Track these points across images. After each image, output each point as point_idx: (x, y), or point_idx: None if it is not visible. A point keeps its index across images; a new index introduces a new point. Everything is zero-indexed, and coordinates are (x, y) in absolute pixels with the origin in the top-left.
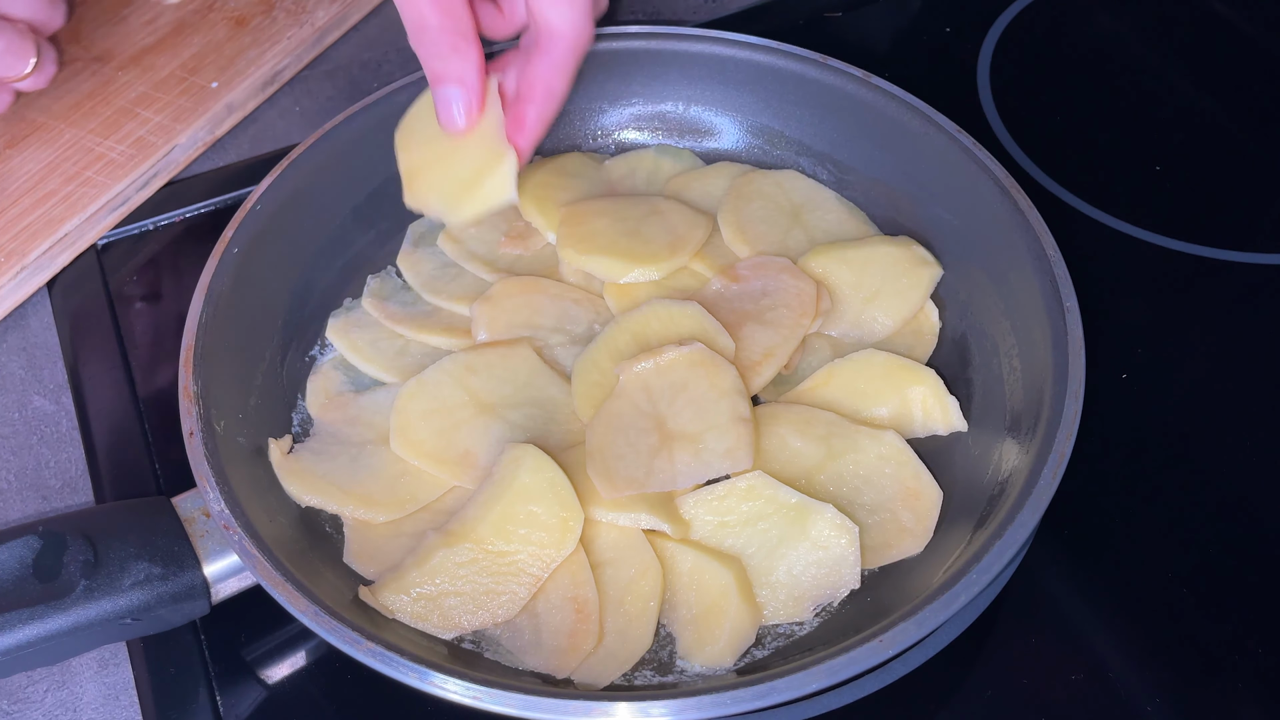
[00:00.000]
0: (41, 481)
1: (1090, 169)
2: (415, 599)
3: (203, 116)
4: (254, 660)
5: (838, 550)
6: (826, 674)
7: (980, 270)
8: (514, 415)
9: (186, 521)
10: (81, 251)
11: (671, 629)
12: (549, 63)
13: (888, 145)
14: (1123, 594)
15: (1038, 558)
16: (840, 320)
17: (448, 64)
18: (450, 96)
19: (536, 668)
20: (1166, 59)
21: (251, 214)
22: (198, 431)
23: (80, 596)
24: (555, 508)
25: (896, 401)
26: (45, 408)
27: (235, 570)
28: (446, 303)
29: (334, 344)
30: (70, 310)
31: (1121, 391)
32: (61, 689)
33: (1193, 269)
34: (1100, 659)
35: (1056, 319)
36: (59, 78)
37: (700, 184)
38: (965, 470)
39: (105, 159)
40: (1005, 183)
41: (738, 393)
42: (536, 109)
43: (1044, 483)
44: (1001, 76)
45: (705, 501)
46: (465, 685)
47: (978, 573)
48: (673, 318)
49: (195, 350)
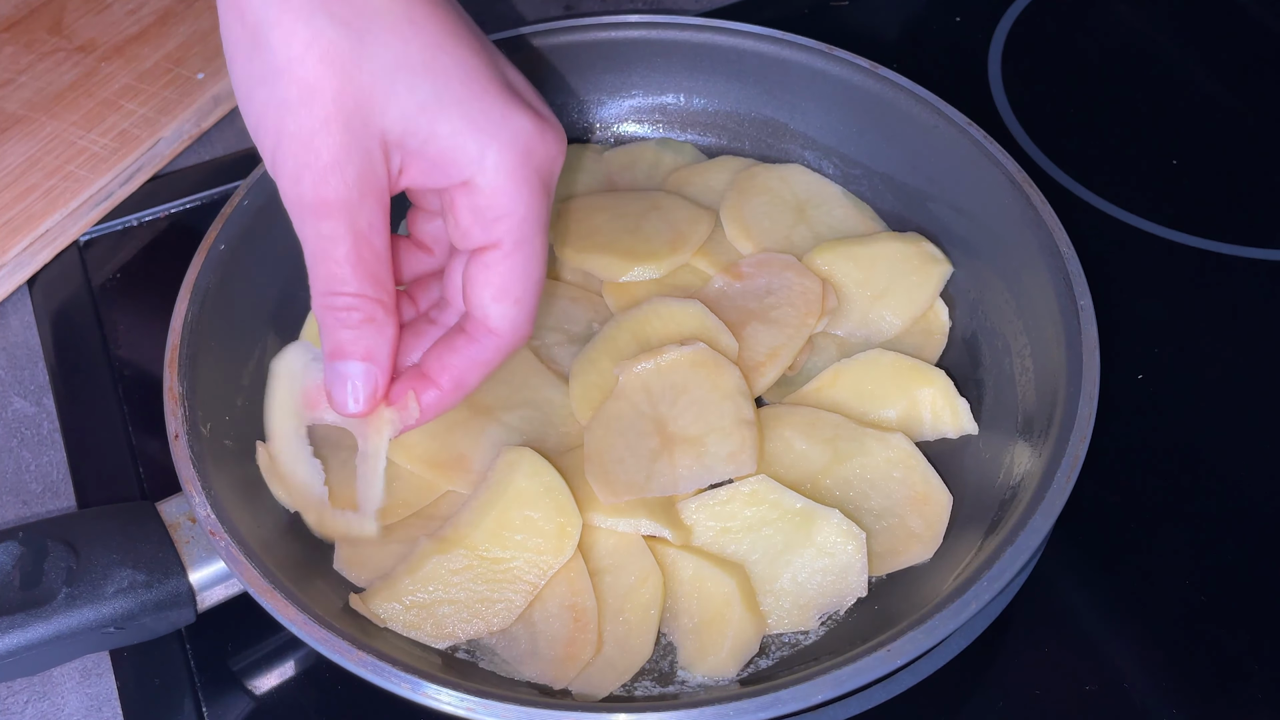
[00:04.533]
0: (22, 485)
1: (1105, 163)
2: (408, 607)
3: (189, 109)
4: (241, 670)
5: (844, 557)
6: (833, 684)
7: (991, 268)
8: (510, 417)
9: (171, 527)
10: (63, 248)
11: (672, 638)
12: (472, 357)
13: (896, 138)
14: (1139, 601)
15: (1051, 564)
16: (847, 319)
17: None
18: (351, 374)
19: (533, 678)
20: (1184, 49)
21: (239, 209)
22: (183, 434)
23: (61, 604)
24: (552, 513)
25: (905, 403)
26: (26, 409)
27: (222, 577)
28: None
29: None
30: (51, 309)
31: (1137, 392)
32: (43, 700)
33: (1211, 266)
34: (1116, 669)
35: (1070, 318)
36: (40, 69)
37: (702, 178)
38: (976, 474)
39: (88, 153)
40: (1017, 177)
41: (741, 394)
42: (439, 398)
43: (1057, 487)
44: (1013, 67)
45: (707, 507)
46: (459, 696)
47: (989, 580)
48: (674, 317)
49: (181, 350)
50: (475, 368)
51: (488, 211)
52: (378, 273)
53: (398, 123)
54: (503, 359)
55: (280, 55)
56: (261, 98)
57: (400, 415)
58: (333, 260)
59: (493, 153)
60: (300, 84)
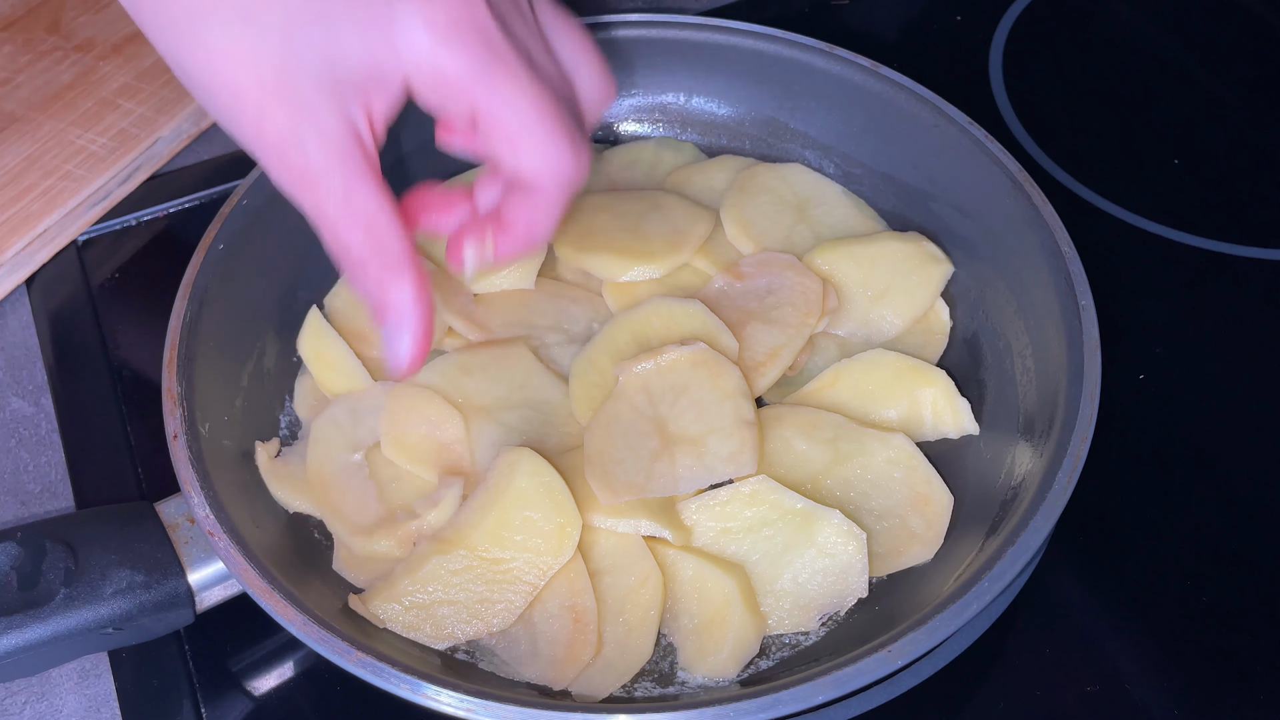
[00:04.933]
0: (20, 486)
1: (1107, 162)
2: (407, 608)
3: (187, 108)
4: (240, 671)
5: (845, 557)
6: (833, 685)
7: (993, 267)
8: (509, 417)
9: (170, 527)
10: (61, 248)
11: (673, 639)
12: (532, 207)
13: (896, 138)
14: (1140, 602)
15: (1052, 565)
16: (847, 319)
17: (383, 302)
18: (388, 338)
19: (533, 679)
20: (1186, 48)
21: (238, 209)
22: (182, 434)
23: (60, 605)
24: (552, 513)
25: (906, 403)
26: (24, 409)
27: (220, 578)
28: None
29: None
30: (50, 309)
31: (1139, 393)
32: (41, 701)
33: (1213, 266)
34: (1117, 670)
35: (1071, 318)
36: (38, 68)
37: (702, 178)
38: (977, 474)
39: (86, 152)
40: (1018, 176)
41: (741, 394)
42: (512, 245)
43: (1058, 487)
44: (1015, 66)
45: (707, 507)
46: (459, 697)
47: (990, 581)
48: (674, 316)
49: (179, 350)
50: (538, 215)
51: (434, 91)
52: (380, 237)
53: (325, 71)
54: (563, 199)
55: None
56: (213, 111)
57: (479, 254)
58: (330, 234)
59: (400, 42)
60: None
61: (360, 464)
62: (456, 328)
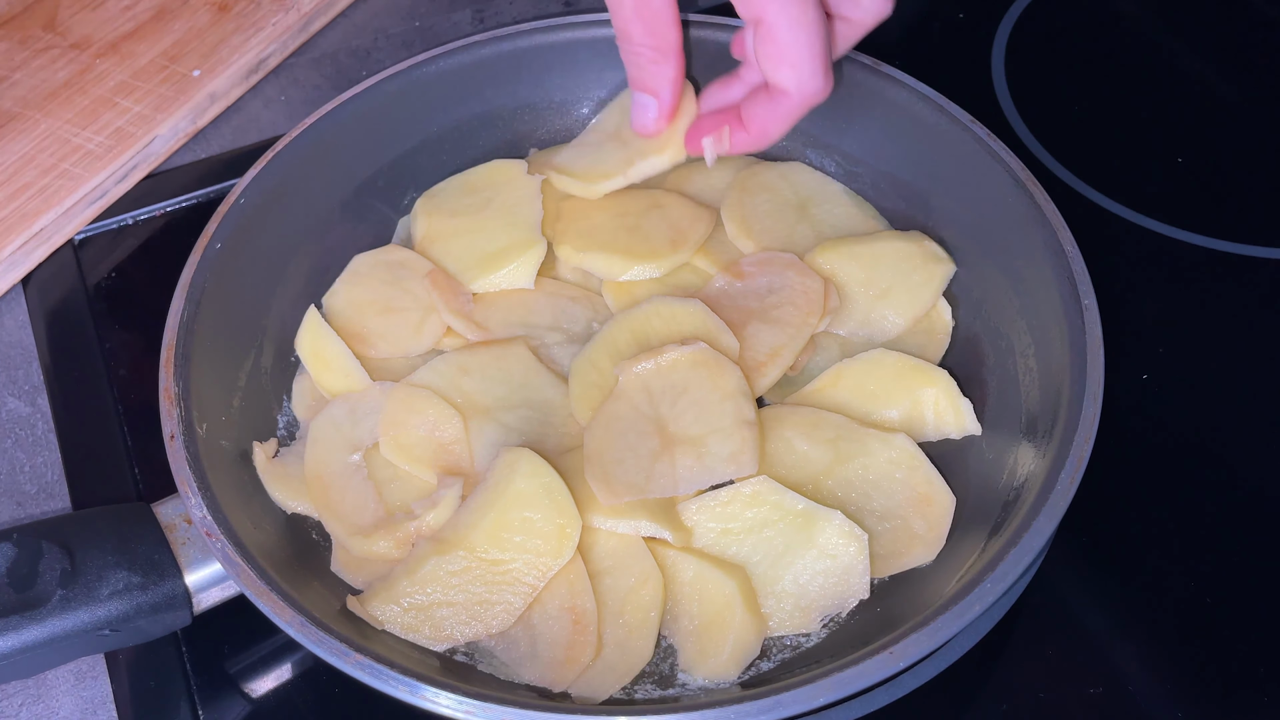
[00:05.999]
0: (16, 486)
1: (1110, 161)
2: (406, 609)
3: (184, 106)
4: (238, 673)
5: (846, 559)
6: (835, 687)
7: (995, 267)
8: (509, 417)
9: (167, 528)
10: (58, 247)
11: (673, 641)
12: (771, 111)
13: (898, 136)
14: (1143, 603)
15: (1055, 566)
16: (849, 319)
17: (645, 74)
18: (643, 103)
19: (532, 681)
20: (1189, 45)
21: (235, 208)
22: (179, 435)
23: (56, 607)
24: (552, 514)
25: (907, 403)
26: (20, 410)
27: (218, 579)
28: None
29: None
30: (46, 308)
31: (1142, 393)
32: (37, 703)
33: (1216, 265)
34: (1120, 671)
35: (1074, 317)
36: (34, 66)
37: (703, 177)
38: (979, 475)
39: (82, 150)
40: (1021, 175)
41: (742, 394)
42: (746, 140)
43: (1061, 488)
44: (1017, 64)
45: (708, 508)
46: (458, 699)
47: (992, 582)
48: (674, 316)
49: (176, 350)
50: (775, 120)
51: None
52: (655, 25)
53: None
54: (801, 112)
55: None
56: None
57: (716, 145)
58: (621, 16)
59: None
60: None
61: (359, 464)
62: (456, 327)
